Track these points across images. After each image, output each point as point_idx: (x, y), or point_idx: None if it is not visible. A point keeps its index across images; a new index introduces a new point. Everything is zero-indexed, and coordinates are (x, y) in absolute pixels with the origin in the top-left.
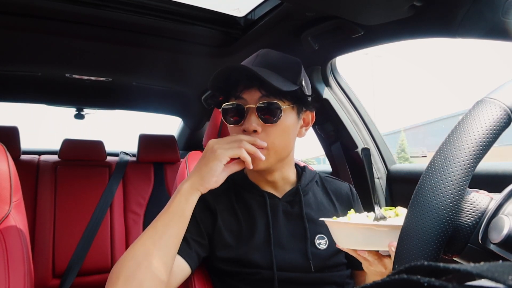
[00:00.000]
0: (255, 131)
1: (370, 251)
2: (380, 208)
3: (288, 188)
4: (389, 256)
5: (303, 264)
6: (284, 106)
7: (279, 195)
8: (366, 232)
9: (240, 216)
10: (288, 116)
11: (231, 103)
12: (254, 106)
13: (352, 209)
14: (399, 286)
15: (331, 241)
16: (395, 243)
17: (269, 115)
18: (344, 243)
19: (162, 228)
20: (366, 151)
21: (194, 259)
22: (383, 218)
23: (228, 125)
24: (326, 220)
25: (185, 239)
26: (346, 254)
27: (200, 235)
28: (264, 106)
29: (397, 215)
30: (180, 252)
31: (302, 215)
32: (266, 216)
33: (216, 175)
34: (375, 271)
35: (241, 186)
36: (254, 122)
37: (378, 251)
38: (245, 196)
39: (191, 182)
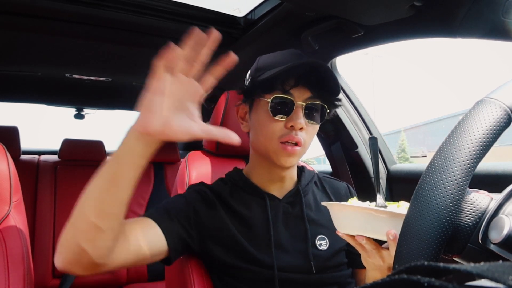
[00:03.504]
0: (300, 128)
1: (368, 239)
2: (384, 200)
3: (289, 188)
4: (387, 248)
5: (304, 265)
6: (328, 110)
7: (280, 196)
8: (365, 217)
9: (240, 217)
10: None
11: (282, 95)
12: (303, 104)
13: (354, 197)
14: (399, 286)
15: (332, 242)
16: (393, 232)
17: (315, 115)
18: (343, 227)
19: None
20: (373, 140)
21: (172, 235)
22: (384, 206)
23: (266, 116)
24: (327, 203)
25: (168, 214)
26: (347, 253)
27: (187, 220)
28: (313, 106)
29: (399, 207)
30: (158, 221)
31: (303, 216)
32: (266, 217)
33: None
34: (373, 264)
35: (241, 188)
36: (302, 119)
37: (377, 241)
38: (245, 197)
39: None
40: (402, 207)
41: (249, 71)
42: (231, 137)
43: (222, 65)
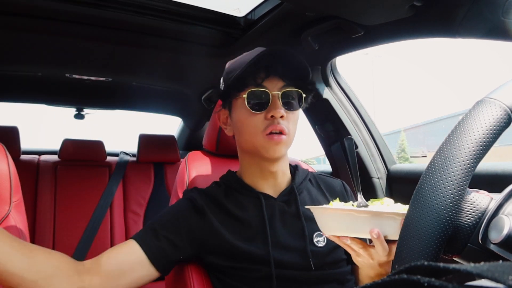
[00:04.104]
0: (281, 116)
1: (353, 239)
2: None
3: (283, 186)
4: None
5: (303, 262)
6: (304, 95)
7: (275, 194)
8: (346, 218)
9: (236, 218)
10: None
11: (257, 88)
12: (279, 93)
13: (337, 198)
14: (399, 286)
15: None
16: (376, 230)
17: (293, 102)
18: (327, 229)
19: None
20: (349, 140)
21: (159, 259)
22: (365, 206)
23: (245, 113)
24: (310, 206)
25: (154, 233)
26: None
27: (178, 235)
28: (289, 93)
29: (382, 204)
30: (145, 247)
31: (299, 214)
32: (262, 216)
33: None
34: (363, 262)
35: (235, 189)
36: (281, 108)
37: (362, 239)
38: (240, 198)
39: None
40: (384, 204)
41: (222, 77)
42: None
43: None
